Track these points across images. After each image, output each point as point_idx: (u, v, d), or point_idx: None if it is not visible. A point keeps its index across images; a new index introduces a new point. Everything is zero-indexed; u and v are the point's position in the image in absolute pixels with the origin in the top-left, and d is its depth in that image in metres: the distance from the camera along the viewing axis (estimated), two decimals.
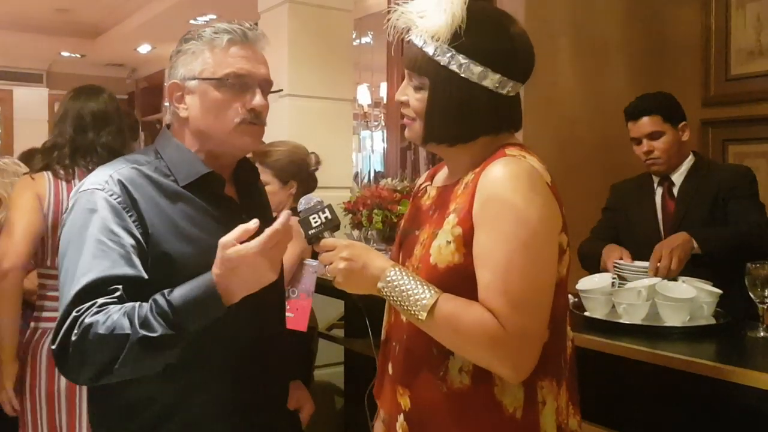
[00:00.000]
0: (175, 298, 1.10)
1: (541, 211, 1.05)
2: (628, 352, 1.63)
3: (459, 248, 1.07)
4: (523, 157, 1.09)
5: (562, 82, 3.18)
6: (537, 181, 1.06)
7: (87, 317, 1.09)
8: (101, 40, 8.01)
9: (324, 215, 1.13)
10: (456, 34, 1.08)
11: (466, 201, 1.08)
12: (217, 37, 1.26)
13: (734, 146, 3.43)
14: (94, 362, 1.10)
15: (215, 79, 1.25)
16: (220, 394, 1.25)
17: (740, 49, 3.39)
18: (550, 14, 3.19)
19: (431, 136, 1.15)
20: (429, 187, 1.26)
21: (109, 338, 1.07)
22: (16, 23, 7.23)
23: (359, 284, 1.10)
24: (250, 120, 1.27)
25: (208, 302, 1.10)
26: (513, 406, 1.07)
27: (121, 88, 9.81)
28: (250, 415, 1.30)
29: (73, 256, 1.16)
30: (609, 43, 3.41)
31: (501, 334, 1.00)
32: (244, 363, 1.28)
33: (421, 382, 1.12)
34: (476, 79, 1.09)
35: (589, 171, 3.28)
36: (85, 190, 1.23)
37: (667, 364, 1.55)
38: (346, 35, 3.48)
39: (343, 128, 3.45)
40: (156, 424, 1.24)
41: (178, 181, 1.27)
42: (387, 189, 2.95)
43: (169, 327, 1.08)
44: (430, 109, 1.13)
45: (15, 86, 8.77)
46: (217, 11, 6.39)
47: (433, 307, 1.03)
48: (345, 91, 3.45)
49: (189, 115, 1.29)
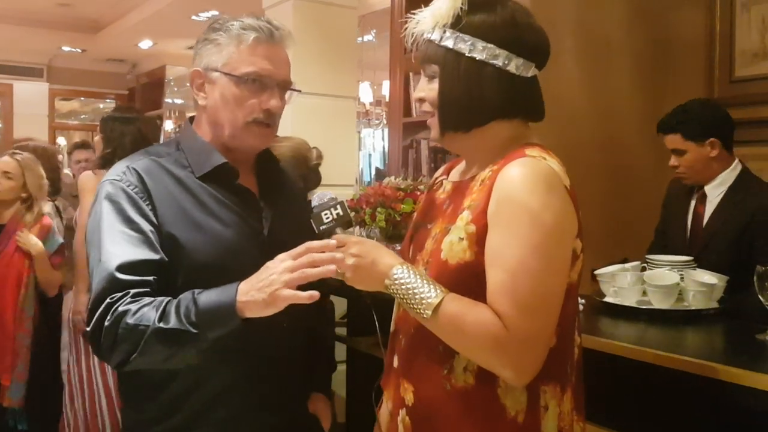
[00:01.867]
0: (202, 298, 1.13)
1: (557, 215, 1.03)
2: (635, 353, 1.62)
3: (471, 246, 1.06)
4: (543, 158, 1.07)
5: (567, 83, 3.17)
6: (555, 185, 1.05)
7: (121, 306, 1.13)
8: (102, 35, 7.98)
9: (336, 211, 1.15)
10: (458, 16, 1.10)
11: (482, 199, 1.07)
12: (244, 34, 1.28)
13: (738, 148, 3.40)
14: (122, 349, 1.13)
15: (235, 75, 1.27)
16: (233, 381, 1.26)
17: (745, 52, 3.39)
18: (555, 16, 3.18)
19: (447, 124, 1.14)
20: (445, 180, 1.26)
21: (135, 328, 1.11)
22: (16, 17, 7.21)
23: (368, 281, 1.10)
24: (262, 120, 1.29)
25: (226, 311, 1.11)
26: (515, 409, 1.06)
27: (122, 83, 9.80)
28: (264, 402, 1.30)
29: (98, 244, 1.21)
30: (614, 44, 3.40)
31: (504, 337, 1.00)
32: (265, 347, 1.28)
33: (426, 378, 1.12)
34: (483, 56, 1.10)
35: (593, 171, 3.28)
36: (105, 181, 1.27)
37: (674, 366, 1.54)
38: (350, 32, 3.47)
39: (346, 126, 3.45)
40: (173, 406, 1.26)
41: (195, 172, 1.30)
42: (390, 187, 2.94)
43: (187, 323, 1.10)
44: (441, 93, 1.13)
45: (15, 80, 8.75)
46: (219, 7, 6.36)
47: (438, 306, 1.03)
48: (348, 89, 3.44)
49: (207, 104, 1.32)
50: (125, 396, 1.35)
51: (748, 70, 3.38)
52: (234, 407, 1.27)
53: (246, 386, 1.27)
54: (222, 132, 1.31)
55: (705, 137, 2.25)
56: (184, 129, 1.40)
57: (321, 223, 1.15)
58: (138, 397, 1.30)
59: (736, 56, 3.42)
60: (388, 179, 3.13)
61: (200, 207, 1.27)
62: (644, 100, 3.55)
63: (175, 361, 1.16)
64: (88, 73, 9.39)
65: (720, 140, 2.27)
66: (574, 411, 1.13)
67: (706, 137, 2.25)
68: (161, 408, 1.27)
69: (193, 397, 1.25)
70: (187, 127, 1.39)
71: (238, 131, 1.30)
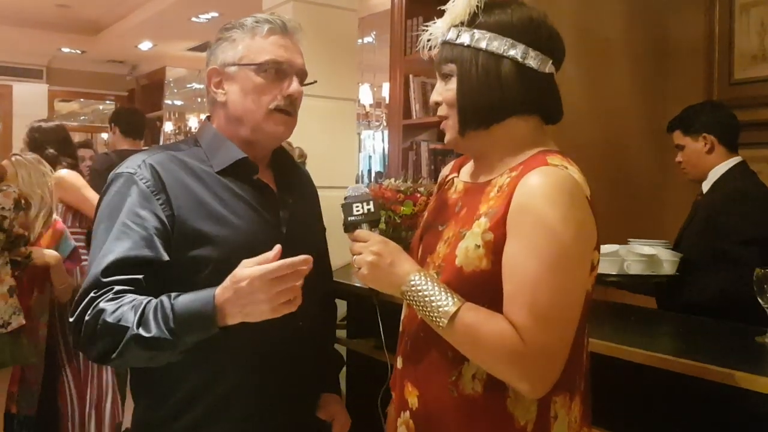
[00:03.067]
0: (178, 304, 1.12)
1: (578, 228, 1.02)
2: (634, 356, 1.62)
3: (488, 254, 1.04)
4: (565, 167, 1.06)
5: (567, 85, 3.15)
6: (577, 196, 1.04)
7: (102, 302, 1.14)
8: (102, 37, 7.98)
9: (367, 207, 1.15)
10: (474, 14, 1.11)
11: (501, 206, 1.05)
12: (258, 26, 1.32)
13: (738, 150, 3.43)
14: (101, 346, 1.15)
15: (255, 64, 1.30)
16: (244, 381, 1.27)
17: (744, 54, 3.40)
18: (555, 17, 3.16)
19: (466, 122, 1.12)
20: (456, 179, 1.24)
21: (114, 328, 1.12)
22: (16, 18, 7.21)
23: (383, 281, 1.10)
24: (284, 107, 1.31)
25: (203, 317, 1.11)
26: (525, 419, 1.05)
27: (122, 85, 9.79)
28: (275, 403, 1.30)
29: (100, 236, 1.22)
30: (613, 46, 3.40)
31: (521, 349, 0.99)
32: (273, 352, 1.29)
33: (432, 383, 1.11)
34: (501, 50, 1.09)
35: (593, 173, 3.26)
36: (119, 173, 1.28)
37: (672, 368, 1.54)
38: (350, 34, 3.47)
39: (346, 128, 3.45)
40: (186, 405, 1.26)
41: (214, 166, 1.31)
42: (390, 189, 2.94)
43: (165, 331, 1.10)
44: (460, 90, 1.12)
45: (14, 81, 8.74)
46: (219, 9, 6.37)
47: (454, 315, 1.02)
48: (348, 91, 3.44)
49: (227, 99, 1.34)
50: (136, 393, 1.35)
51: (748, 73, 3.38)
52: (248, 406, 1.27)
53: (260, 385, 1.28)
54: (243, 125, 1.33)
55: (699, 132, 2.39)
56: (202, 126, 1.41)
57: (350, 214, 1.15)
58: (150, 395, 1.31)
59: (736, 58, 3.42)
60: (388, 181, 3.13)
61: (218, 201, 1.28)
62: (644, 102, 3.56)
63: (154, 362, 1.18)
64: (88, 75, 9.38)
65: (715, 137, 2.37)
66: (582, 418, 1.12)
67: (700, 133, 2.39)
68: (173, 407, 1.27)
69: (206, 396, 1.26)
70: (206, 124, 1.40)
71: (261, 121, 1.31)
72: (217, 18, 6.64)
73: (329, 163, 2.96)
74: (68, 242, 2.80)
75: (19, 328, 2.32)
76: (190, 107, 9.57)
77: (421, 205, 2.85)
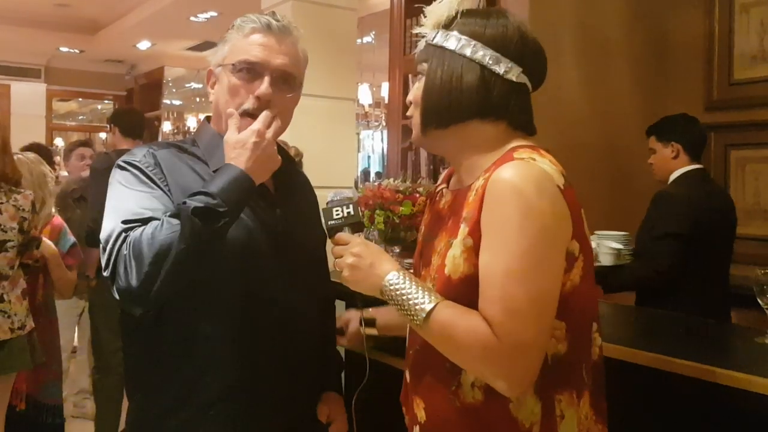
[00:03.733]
0: (206, 184, 1.17)
1: (546, 218, 1.00)
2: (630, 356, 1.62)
3: (470, 258, 1.03)
4: (532, 159, 1.03)
5: (567, 85, 3.17)
6: (545, 187, 1.01)
7: (131, 233, 1.14)
8: (100, 36, 7.98)
9: (347, 210, 1.16)
10: (453, 18, 1.12)
11: (475, 208, 1.04)
12: (243, 25, 1.30)
13: (736, 151, 3.43)
14: (147, 262, 1.11)
15: (230, 64, 1.29)
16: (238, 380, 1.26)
17: (743, 54, 3.40)
18: (554, 17, 3.18)
19: (426, 120, 1.13)
20: (445, 190, 1.23)
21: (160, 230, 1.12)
22: (15, 17, 7.20)
23: (363, 282, 1.10)
24: (253, 110, 1.27)
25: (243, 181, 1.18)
26: (529, 421, 1.03)
27: (120, 84, 9.79)
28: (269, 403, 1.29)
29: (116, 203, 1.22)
30: (613, 46, 3.40)
31: (493, 344, 0.97)
32: (270, 352, 1.28)
33: (435, 395, 1.10)
34: (469, 53, 1.09)
35: (593, 173, 3.28)
36: (124, 160, 1.28)
37: (676, 370, 1.54)
38: (350, 34, 3.46)
39: (346, 128, 3.44)
40: (180, 400, 1.25)
41: (210, 166, 1.30)
42: (389, 189, 2.93)
43: (210, 199, 1.13)
44: (425, 89, 1.13)
45: (13, 81, 8.73)
46: (218, 8, 6.36)
47: (430, 312, 1.01)
48: (348, 91, 3.44)
49: (213, 100, 1.34)
50: (131, 391, 1.34)
51: (747, 73, 3.38)
52: (242, 405, 1.26)
53: (255, 384, 1.27)
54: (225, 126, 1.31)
55: (669, 140, 2.71)
56: (201, 126, 1.41)
57: (330, 218, 1.16)
58: (143, 393, 1.30)
59: (735, 59, 3.42)
60: (387, 181, 3.12)
61: None
62: (643, 102, 3.56)
63: (209, 247, 1.15)
64: (86, 74, 9.38)
65: (681, 146, 2.69)
66: (593, 414, 1.09)
67: (670, 140, 2.71)
68: (168, 403, 1.26)
69: (200, 394, 1.25)
70: (204, 124, 1.40)
71: None
72: (215, 17, 6.63)
73: (328, 163, 2.96)
74: (67, 237, 2.80)
75: (31, 330, 2.34)
76: (188, 107, 9.57)
77: (420, 205, 2.84)
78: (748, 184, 3.38)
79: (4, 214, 2.24)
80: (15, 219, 2.27)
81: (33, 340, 2.36)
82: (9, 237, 2.25)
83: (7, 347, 2.23)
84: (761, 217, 3.33)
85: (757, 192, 3.35)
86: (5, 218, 2.24)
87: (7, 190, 2.28)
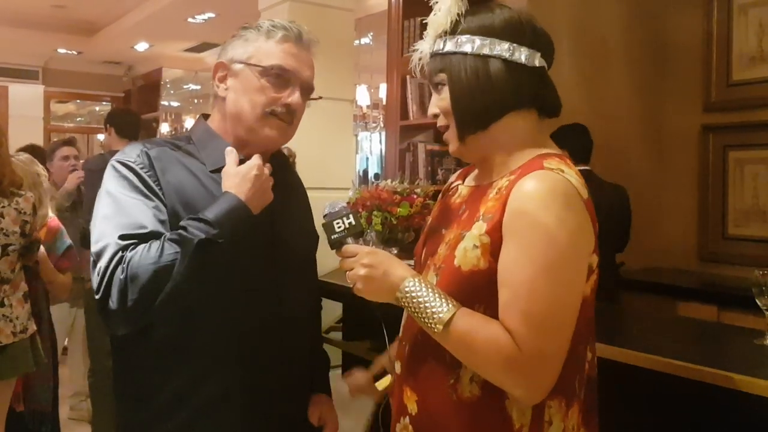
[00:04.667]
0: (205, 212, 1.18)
1: (573, 232, 1.01)
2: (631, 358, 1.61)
3: (485, 254, 1.04)
4: (561, 170, 1.04)
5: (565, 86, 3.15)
6: (573, 200, 1.02)
7: (128, 253, 1.13)
8: (98, 37, 7.97)
9: (348, 221, 1.14)
10: (456, 22, 1.12)
11: (497, 210, 1.05)
12: (274, 31, 1.31)
13: (735, 152, 3.42)
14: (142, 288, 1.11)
15: (262, 66, 1.29)
16: (231, 383, 1.25)
17: (742, 55, 3.39)
18: (552, 18, 3.18)
19: (465, 126, 1.13)
20: (461, 186, 1.24)
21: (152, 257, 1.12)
22: (12, 19, 7.18)
23: (379, 292, 1.09)
24: (281, 113, 1.30)
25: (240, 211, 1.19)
26: (520, 422, 1.05)
27: (118, 85, 9.78)
28: (263, 405, 1.29)
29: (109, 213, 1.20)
30: (611, 47, 3.40)
31: (516, 356, 0.98)
32: (260, 355, 1.27)
33: (431, 388, 1.10)
34: (486, 50, 1.10)
35: None
36: (118, 160, 1.27)
37: (672, 371, 1.53)
38: (347, 35, 3.46)
39: (343, 129, 3.44)
40: (170, 407, 1.24)
41: (207, 165, 1.30)
42: (387, 191, 2.92)
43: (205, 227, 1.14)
44: (453, 97, 1.12)
45: (10, 82, 8.70)
46: (216, 9, 6.35)
47: (449, 321, 1.01)
48: (345, 92, 3.43)
49: (227, 95, 1.33)
50: (119, 398, 1.33)
51: (746, 74, 3.38)
52: (235, 410, 1.26)
53: (247, 388, 1.26)
54: (239, 124, 1.31)
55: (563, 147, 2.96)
56: (197, 124, 1.40)
57: (333, 233, 1.15)
58: (132, 399, 1.29)
59: (734, 59, 3.42)
60: (385, 182, 3.12)
61: (210, 200, 1.25)
62: (642, 104, 3.56)
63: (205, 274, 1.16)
64: (84, 76, 9.36)
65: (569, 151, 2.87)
66: (582, 426, 1.10)
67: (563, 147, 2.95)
68: (161, 406, 1.25)
69: (191, 400, 1.24)
70: (201, 122, 1.39)
71: (256, 122, 1.29)
72: (213, 18, 6.63)
73: (326, 165, 2.95)
74: (64, 240, 2.77)
75: (33, 333, 2.33)
76: (186, 108, 9.56)
77: (417, 206, 2.84)
78: (747, 185, 3.38)
79: (7, 218, 2.23)
80: (17, 223, 2.26)
81: (35, 343, 2.36)
82: (11, 241, 2.24)
83: (9, 351, 2.22)
84: (759, 218, 3.32)
85: (755, 193, 3.35)
86: (8, 222, 2.23)
87: (8, 194, 2.27)
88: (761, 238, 3.27)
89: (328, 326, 2.99)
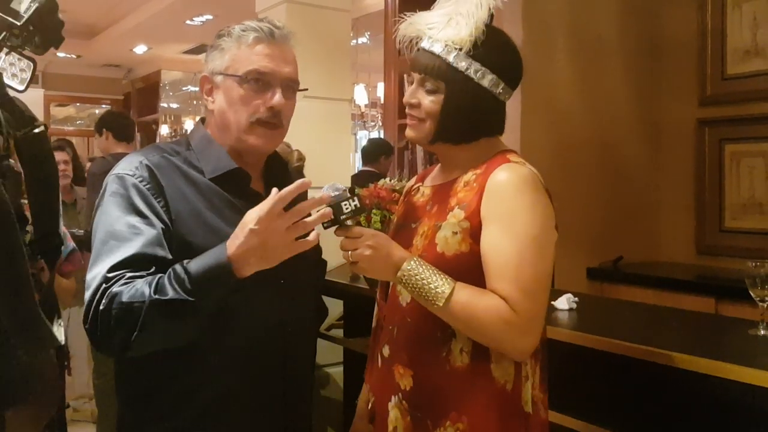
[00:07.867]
0: (192, 265, 1.13)
1: (545, 211, 1.21)
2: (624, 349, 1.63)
3: (465, 239, 1.20)
4: (523, 164, 1.24)
5: (560, 82, 3.19)
6: (539, 185, 1.22)
7: (114, 287, 1.12)
8: (97, 41, 7.99)
9: (354, 203, 1.19)
10: (475, 44, 1.23)
11: (473, 199, 1.21)
12: (244, 35, 1.30)
13: (731, 145, 3.44)
14: (121, 331, 1.11)
15: (238, 75, 1.29)
16: (238, 381, 1.26)
17: (736, 49, 3.41)
18: (547, 14, 3.20)
19: (441, 136, 1.27)
20: (422, 186, 1.39)
21: (130, 304, 1.10)
22: None
23: (381, 271, 1.21)
24: (267, 119, 1.29)
25: (219, 269, 1.11)
26: (504, 379, 1.21)
27: (117, 88, 9.80)
28: (267, 406, 1.30)
29: (105, 237, 1.19)
30: (606, 43, 3.41)
31: (514, 318, 1.14)
32: (264, 357, 1.28)
33: (426, 362, 1.23)
34: (487, 85, 1.24)
35: (586, 170, 3.29)
36: (117, 174, 1.26)
37: (666, 362, 1.55)
38: (344, 35, 3.48)
39: (341, 128, 3.46)
40: (174, 407, 1.25)
41: (206, 173, 1.30)
42: (385, 189, 2.94)
43: (183, 292, 1.09)
44: (445, 110, 1.25)
45: None
46: (213, 11, 6.38)
47: (450, 295, 1.15)
48: (343, 91, 3.45)
49: (214, 108, 1.34)
50: (123, 397, 1.34)
51: (740, 68, 3.39)
52: (237, 412, 1.26)
53: (250, 391, 1.27)
54: (229, 135, 1.32)
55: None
56: (196, 129, 1.40)
57: (341, 213, 1.19)
58: (136, 398, 1.30)
59: (728, 53, 3.43)
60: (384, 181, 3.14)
61: (212, 209, 1.26)
62: (637, 98, 3.57)
63: (176, 336, 1.15)
64: (84, 79, 9.39)
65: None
66: (539, 381, 1.26)
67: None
68: (159, 410, 1.26)
69: (192, 403, 1.25)
70: (199, 127, 1.39)
71: (243, 132, 1.30)
72: (211, 20, 6.65)
73: (324, 164, 2.97)
74: (67, 243, 2.77)
75: None
76: (185, 110, 9.58)
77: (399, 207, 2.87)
78: (743, 179, 3.39)
79: None
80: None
81: None
82: None
83: None
84: (756, 211, 3.34)
85: (751, 186, 3.36)
86: None
87: None
88: (758, 231, 3.28)
89: (329, 324, 3.01)
